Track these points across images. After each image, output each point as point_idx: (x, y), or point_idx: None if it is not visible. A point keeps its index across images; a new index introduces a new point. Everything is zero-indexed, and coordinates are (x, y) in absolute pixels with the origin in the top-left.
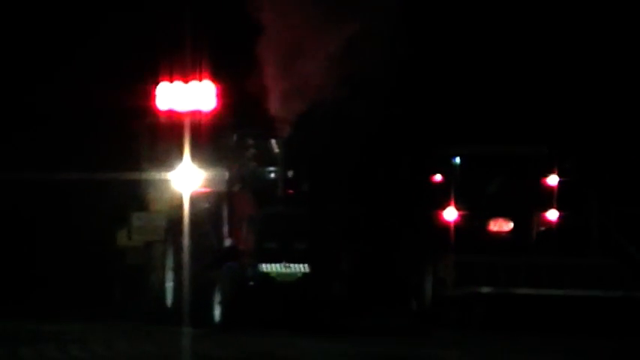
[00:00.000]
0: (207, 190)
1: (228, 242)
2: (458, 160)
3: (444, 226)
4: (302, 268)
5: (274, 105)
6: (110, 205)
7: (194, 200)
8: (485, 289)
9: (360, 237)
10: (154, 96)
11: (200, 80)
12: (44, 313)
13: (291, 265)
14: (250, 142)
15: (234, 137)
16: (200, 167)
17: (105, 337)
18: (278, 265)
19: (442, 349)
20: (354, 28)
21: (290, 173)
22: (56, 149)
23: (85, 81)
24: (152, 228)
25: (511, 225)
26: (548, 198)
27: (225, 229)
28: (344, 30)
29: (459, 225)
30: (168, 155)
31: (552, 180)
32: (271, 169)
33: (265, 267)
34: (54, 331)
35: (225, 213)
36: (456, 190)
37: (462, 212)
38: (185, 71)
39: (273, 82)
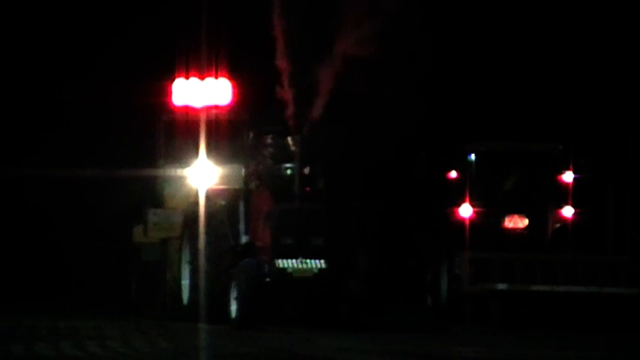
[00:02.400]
0: (224, 186)
1: (244, 239)
2: (473, 156)
3: (460, 223)
4: (319, 264)
5: (291, 102)
6: (127, 202)
7: (211, 197)
8: (500, 286)
9: (377, 234)
10: (171, 92)
11: (216, 77)
12: (61, 309)
13: (308, 260)
14: (267, 139)
15: (251, 134)
16: (216, 164)
17: (121, 334)
18: (294, 260)
19: (458, 346)
20: (372, 27)
21: (307, 170)
22: (73, 146)
23: (102, 78)
24: (168, 224)
25: (526, 222)
26: (564, 195)
27: (242, 226)
28: (362, 29)
29: (474, 222)
30: (184, 151)
31: (567, 177)
32: (288, 165)
33: (282, 263)
34: (71, 327)
35: (242, 209)
36: (471, 186)
37: (477, 209)
38: (201, 68)
39: (290, 79)
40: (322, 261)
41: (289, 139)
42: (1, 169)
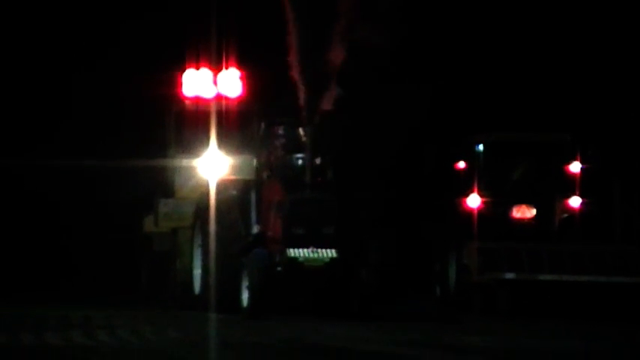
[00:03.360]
0: (235, 177)
1: (256, 228)
2: (481, 147)
3: (468, 213)
4: (330, 253)
5: (302, 93)
6: (137, 192)
7: (222, 187)
8: (508, 276)
9: (387, 224)
10: (181, 83)
11: (226, 68)
12: (72, 299)
13: (319, 250)
14: (279, 130)
15: (263, 125)
16: (227, 154)
17: (131, 323)
18: (306, 250)
19: (467, 335)
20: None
21: (318, 160)
22: (85, 136)
23: (113, 70)
24: (178, 214)
25: (534, 212)
26: (571, 185)
27: (254, 216)
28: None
29: (482, 212)
30: (194, 142)
31: (575, 167)
32: (299, 156)
33: (293, 252)
34: (81, 317)
35: (253, 200)
36: (479, 177)
37: (485, 199)
38: (211, 59)
39: (300, 71)
40: (333, 250)
41: (300, 129)
42: (13, 159)
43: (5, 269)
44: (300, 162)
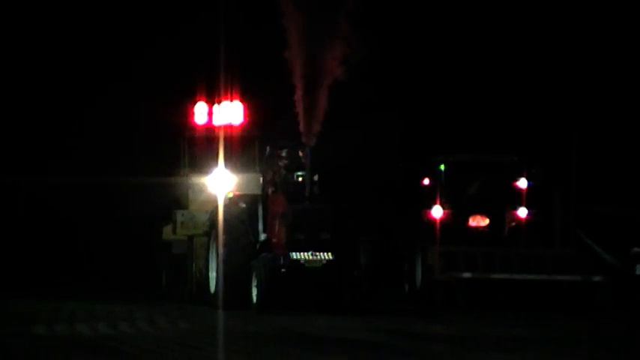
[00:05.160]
0: (245, 193)
1: (263, 236)
2: (442, 166)
3: (432, 222)
4: (327, 255)
5: (302, 117)
6: (156, 205)
7: (234, 201)
8: (466, 275)
9: (371, 231)
10: (193, 113)
11: (231, 100)
12: (100, 296)
13: (318, 253)
14: (282, 152)
15: (268, 149)
16: (233, 172)
17: (149, 316)
18: (306, 253)
19: (431, 325)
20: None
21: (315, 177)
22: (112, 157)
23: (138, 101)
24: (193, 223)
25: (487, 221)
26: (519, 198)
27: (261, 225)
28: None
29: (444, 221)
30: (204, 162)
31: (522, 183)
32: (299, 173)
33: (295, 255)
34: (106, 310)
35: (260, 212)
36: (441, 191)
37: (446, 210)
38: (219, 93)
39: (299, 101)
40: (329, 253)
41: (300, 151)
42: (45, 177)
43: (41, 272)
44: (300, 178)
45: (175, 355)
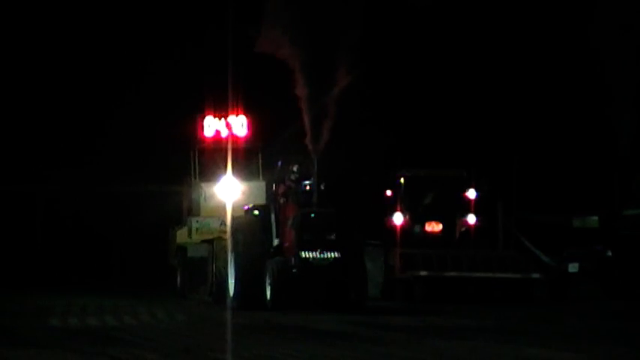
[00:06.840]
0: (249, 199)
1: (276, 241)
2: (402, 180)
3: (393, 228)
4: (333, 254)
5: (308, 129)
6: (168, 211)
7: (250, 210)
8: (422, 273)
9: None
10: (202, 126)
11: (236, 114)
12: (113, 292)
13: (325, 252)
14: (292, 166)
15: (280, 163)
16: (238, 181)
17: (151, 310)
18: (314, 252)
19: (392, 317)
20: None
21: (322, 185)
22: (129, 167)
23: (153, 115)
24: (207, 229)
25: (441, 226)
26: (468, 207)
27: (274, 231)
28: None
29: (403, 227)
30: (213, 171)
31: (470, 194)
32: (307, 182)
33: (305, 254)
34: (114, 305)
35: (273, 219)
36: (401, 201)
37: (406, 217)
38: (225, 107)
39: (302, 114)
40: (335, 252)
41: (310, 166)
42: (63, 185)
43: (63, 273)
44: (307, 187)
45: (175, 344)
